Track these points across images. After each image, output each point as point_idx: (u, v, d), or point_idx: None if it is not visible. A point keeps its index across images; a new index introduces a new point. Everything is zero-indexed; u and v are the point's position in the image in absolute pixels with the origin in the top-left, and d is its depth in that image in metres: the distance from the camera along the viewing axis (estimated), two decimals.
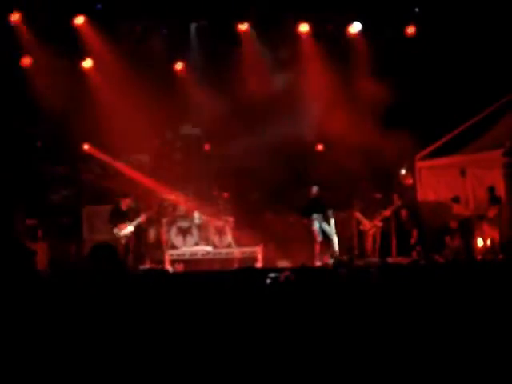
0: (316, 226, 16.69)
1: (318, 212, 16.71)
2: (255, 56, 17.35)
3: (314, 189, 16.90)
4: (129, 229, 15.95)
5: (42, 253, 15.65)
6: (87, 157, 18.15)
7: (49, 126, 17.34)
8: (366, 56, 17.23)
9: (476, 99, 16.78)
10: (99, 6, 16.09)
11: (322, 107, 17.27)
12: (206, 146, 18.95)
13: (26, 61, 16.41)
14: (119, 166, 17.98)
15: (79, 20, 16.13)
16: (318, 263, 16.10)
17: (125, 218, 16.00)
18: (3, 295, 5.94)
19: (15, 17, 15.61)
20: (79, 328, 5.07)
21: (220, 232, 17.27)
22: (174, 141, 18.83)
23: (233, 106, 17.34)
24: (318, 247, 16.65)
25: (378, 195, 17.04)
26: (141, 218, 16.16)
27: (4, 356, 4.92)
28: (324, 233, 16.66)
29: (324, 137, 18.31)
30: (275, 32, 16.78)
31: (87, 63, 17.12)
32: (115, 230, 15.84)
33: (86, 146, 17.96)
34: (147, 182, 17.78)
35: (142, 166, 18.47)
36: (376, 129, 17.16)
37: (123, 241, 15.85)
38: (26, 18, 15.75)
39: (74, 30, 16.21)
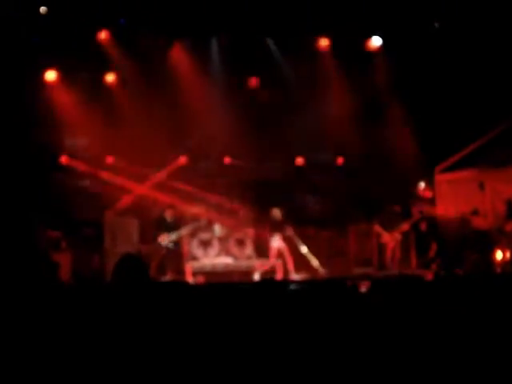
0: (274, 244, 16.80)
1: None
2: (275, 69, 17.45)
3: (276, 212, 16.94)
4: (171, 239, 16.17)
5: (65, 264, 15.79)
6: (110, 169, 18.32)
7: (73, 139, 17.52)
8: (385, 69, 17.26)
9: (496, 112, 16.72)
10: (123, 20, 16.23)
11: (341, 121, 17.27)
12: (227, 159, 19.04)
13: (50, 75, 16.58)
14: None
15: (103, 35, 16.29)
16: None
17: (169, 228, 16.22)
18: (27, 306, 5.99)
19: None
20: (101, 339, 5.09)
21: (240, 244, 17.34)
22: (195, 152, 18.86)
23: (254, 119, 17.43)
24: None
25: (398, 208, 17.06)
26: (182, 231, 16.40)
27: (24, 366, 4.97)
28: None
29: (344, 150, 18.36)
30: (295, 46, 16.83)
31: (110, 77, 17.30)
32: (158, 240, 16.07)
33: (109, 159, 18.17)
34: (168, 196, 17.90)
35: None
36: (395, 141, 17.19)
37: (163, 252, 16.06)
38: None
39: (97, 45, 16.36)
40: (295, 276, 16.30)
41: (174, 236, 16.26)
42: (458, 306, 6.32)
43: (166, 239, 16.12)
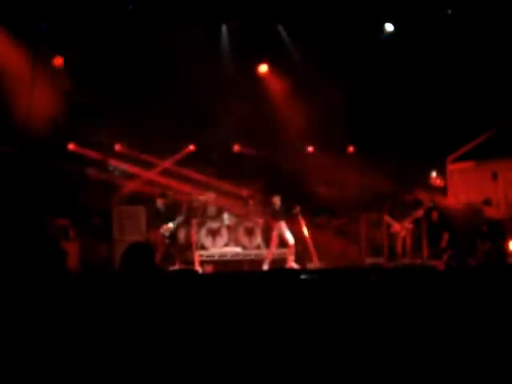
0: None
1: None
2: (285, 58, 17.32)
3: (277, 199, 16.74)
4: (171, 228, 16.01)
5: (73, 253, 15.77)
6: (118, 157, 18.25)
7: (80, 126, 17.41)
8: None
9: (510, 101, 16.60)
10: (131, 7, 16.09)
11: (353, 108, 17.17)
12: (236, 147, 18.95)
13: (58, 61, 16.46)
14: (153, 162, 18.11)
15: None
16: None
17: (165, 217, 16.08)
18: (35, 294, 5.95)
19: None
20: (108, 328, 5.05)
21: (250, 233, 17.27)
22: (205, 142, 18.77)
23: (264, 107, 17.33)
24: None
25: (409, 197, 16.95)
26: (181, 218, 16.21)
27: (31, 355, 4.91)
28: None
29: (355, 139, 18.28)
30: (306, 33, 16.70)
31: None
32: (161, 231, 15.91)
33: (117, 146, 18.10)
34: (177, 182, 17.81)
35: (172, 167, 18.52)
36: (407, 130, 17.10)
37: (167, 241, 15.89)
38: None
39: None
40: (314, 264, 16.18)
41: (173, 225, 16.06)
42: (470, 296, 6.28)
43: (167, 229, 15.92)
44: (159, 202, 16.09)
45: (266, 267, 16.08)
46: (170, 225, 15.88)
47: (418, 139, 17.05)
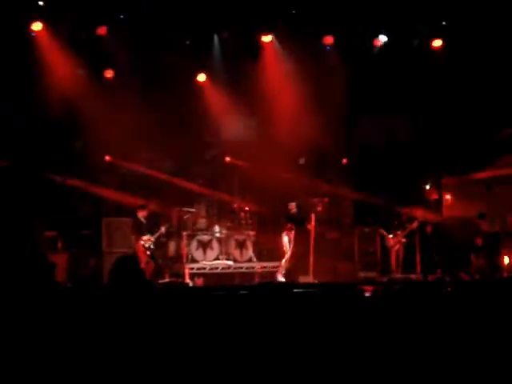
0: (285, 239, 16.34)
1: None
2: (278, 68, 17.19)
3: (293, 205, 16.56)
4: (151, 240, 15.78)
5: (61, 264, 15.58)
6: (108, 169, 18.10)
7: (68, 137, 17.27)
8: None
9: (503, 115, 16.57)
10: (122, 16, 15.98)
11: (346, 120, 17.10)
12: (227, 159, 18.83)
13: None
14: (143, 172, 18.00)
15: (101, 30, 16.01)
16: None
17: (146, 229, 15.86)
18: (23, 306, 5.86)
19: (37, 26, 15.49)
20: (97, 340, 5.01)
21: (241, 246, 17.12)
22: (195, 152, 18.65)
23: (254, 118, 17.25)
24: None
25: (403, 210, 16.85)
26: (161, 230, 15.98)
27: (20, 367, 4.88)
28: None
29: (349, 150, 18.22)
30: (299, 44, 16.59)
31: (109, 73, 17.05)
32: (141, 242, 15.69)
33: (107, 158, 17.94)
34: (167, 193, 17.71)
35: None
36: (402, 143, 17.06)
37: (148, 252, 15.66)
38: (48, 28, 15.63)
39: (96, 40, 16.10)
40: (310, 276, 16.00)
41: (154, 236, 15.85)
42: (464, 310, 6.20)
43: (148, 241, 15.72)
44: (140, 214, 15.90)
45: (281, 278, 15.82)
46: (150, 236, 15.70)
47: (413, 153, 17.00)
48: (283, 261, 15.99)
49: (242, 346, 5.21)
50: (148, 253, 15.54)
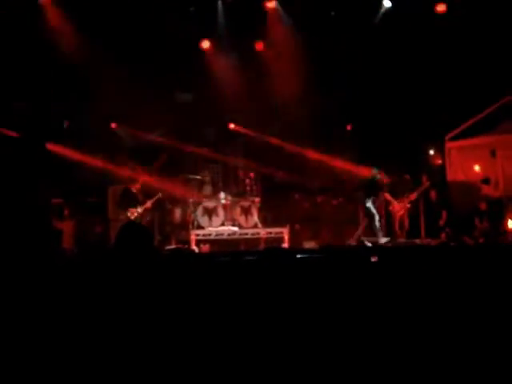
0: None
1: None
2: (282, 34, 17.13)
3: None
4: (138, 212, 15.91)
5: (67, 231, 15.70)
6: (116, 136, 18.13)
7: (76, 105, 17.24)
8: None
9: (507, 79, 16.47)
10: None
11: (352, 85, 17.04)
12: (231, 125, 18.80)
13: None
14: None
15: None
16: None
17: (135, 202, 15.97)
18: (30, 273, 5.92)
19: None
20: (103, 308, 4.99)
21: (246, 212, 17.15)
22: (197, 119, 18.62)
23: (258, 84, 17.17)
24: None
25: (407, 176, 16.85)
26: (147, 205, 16.08)
27: (27, 336, 4.91)
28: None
29: (353, 116, 18.17)
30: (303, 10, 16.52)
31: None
32: (128, 214, 15.80)
33: (113, 125, 17.96)
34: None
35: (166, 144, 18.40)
36: (405, 109, 16.99)
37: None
38: None
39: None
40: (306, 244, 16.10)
41: (139, 209, 15.96)
42: (468, 275, 6.20)
43: (133, 213, 15.83)
44: (134, 187, 16.04)
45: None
46: (138, 209, 15.83)
47: (416, 117, 16.93)
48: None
49: (248, 312, 5.23)
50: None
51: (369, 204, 16.14)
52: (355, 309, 5.40)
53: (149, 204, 16.07)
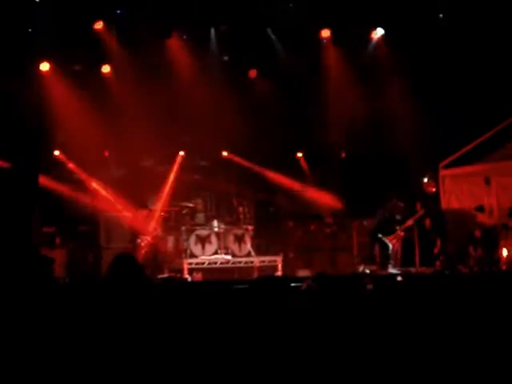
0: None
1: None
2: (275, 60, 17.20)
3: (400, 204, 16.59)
4: (146, 239, 15.91)
5: (59, 260, 15.58)
6: (106, 164, 18.07)
7: (68, 133, 17.21)
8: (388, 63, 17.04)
9: (501, 106, 16.53)
10: (119, 11, 15.96)
11: (345, 114, 17.06)
12: (224, 153, 18.80)
13: (45, 66, 16.24)
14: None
15: (98, 25, 15.98)
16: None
17: (143, 228, 15.97)
18: (20, 303, 5.87)
19: None
20: (95, 337, 4.96)
21: (239, 240, 17.12)
22: (192, 148, 18.64)
23: (253, 112, 17.22)
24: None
25: (401, 204, 16.81)
26: (157, 231, 16.11)
27: (16, 365, 4.83)
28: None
29: (348, 145, 18.20)
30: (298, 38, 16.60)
31: (106, 69, 17.01)
32: (138, 241, 15.80)
33: (106, 153, 17.92)
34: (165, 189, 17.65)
35: (159, 173, 18.35)
36: (399, 137, 17.01)
37: (143, 251, 15.78)
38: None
39: (93, 36, 16.06)
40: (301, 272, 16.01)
41: (149, 237, 16.03)
42: (462, 303, 6.18)
43: (144, 240, 15.89)
44: (141, 214, 16.10)
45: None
46: (147, 237, 16.01)
47: (410, 145, 16.94)
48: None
49: (241, 341, 5.16)
50: (143, 251, 15.68)
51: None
52: (349, 338, 5.35)
53: (159, 231, 16.15)
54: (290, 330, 5.33)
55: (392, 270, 15.70)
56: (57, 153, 17.59)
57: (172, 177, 18.08)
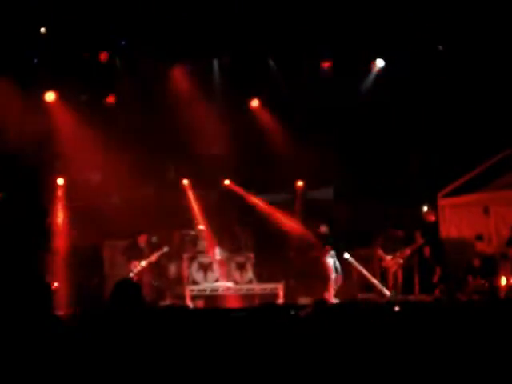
0: (330, 261, 16.52)
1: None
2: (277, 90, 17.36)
3: (323, 227, 16.76)
4: (140, 266, 15.99)
5: (63, 288, 15.63)
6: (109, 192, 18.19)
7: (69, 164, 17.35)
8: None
9: (499, 136, 16.62)
10: (123, 42, 16.15)
11: (342, 145, 17.24)
12: (226, 182, 18.91)
13: (50, 96, 16.37)
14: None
15: (103, 56, 16.16)
16: (334, 300, 15.86)
17: (140, 255, 16.06)
18: (20, 332, 5.90)
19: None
20: (97, 365, 4.99)
21: (241, 268, 17.19)
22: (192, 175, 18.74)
23: (255, 141, 17.36)
24: (331, 284, 16.42)
25: (400, 232, 16.91)
26: (151, 258, 16.15)
27: None
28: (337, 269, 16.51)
29: (347, 173, 18.30)
30: (298, 67, 16.76)
31: (110, 99, 17.16)
32: (131, 267, 15.88)
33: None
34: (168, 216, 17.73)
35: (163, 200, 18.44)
36: (398, 166, 17.13)
37: (136, 278, 15.76)
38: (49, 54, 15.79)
39: (97, 66, 16.23)
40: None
41: (143, 263, 16.05)
42: (461, 332, 6.19)
43: (137, 266, 15.93)
44: (140, 239, 16.13)
45: (334, 300, 15.91)
46: (142, 263, 15.94)
47: (409, 174, 17.07)
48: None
49: (243, 369, 5.21)
50: (135, 278, 15.66)
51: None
52: (349, 366, 5.40)
53: (153, 258, 16.17)
54: (292, 358, 5.41)
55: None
56: (60, 181, 17.64)
57: (192, 200, 18.26)
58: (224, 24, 15.51)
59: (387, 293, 16.19)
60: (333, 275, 16.39)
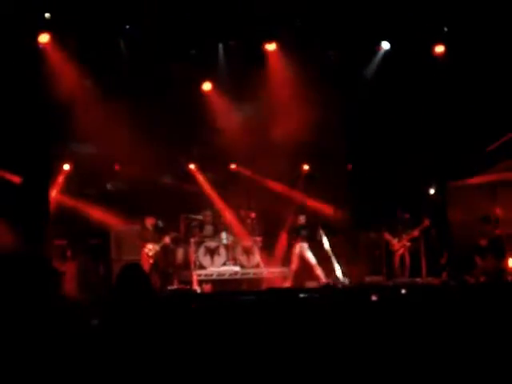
0: (297, 251, 16.68)
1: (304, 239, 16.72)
2: (282, 76, 17.27)
3: (301, 218, 16.84)
4: (154, 249, 16.01)
5: (70, 273, 15.66)
6: (116, 176, 18.20)
7: (80, 147, 17.34)
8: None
9: (507, 118, 16.57)
10: (128, 26, 16.11)
11: (351, 126, 17.21)
12: (233, 166, 18.91)
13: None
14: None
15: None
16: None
17: (152, 237, 16.08)
18: (29, 315, 5.93)
19: (44, 38, 15.56)
20: (106, 349, 5.03)
21: (248, 252, 17.20)
22: (199, 159, 18.76)
23: (257, 126, 17.33)
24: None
25: (407, 215, 16.89)
26: (165, 240, 16.20)
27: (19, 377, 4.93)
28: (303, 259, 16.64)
29: (354, 156, 18.27)
30: (303, 53, 16.71)
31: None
32: (145, 250, 15.91)
33: (116, 166, 18.03)
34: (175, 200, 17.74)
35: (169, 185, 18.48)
36: (405, 148, 17.08)
37: (151, 260, 15.90)
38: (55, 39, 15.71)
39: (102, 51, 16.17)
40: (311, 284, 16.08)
41: (158, 246, 16.13)
42: (469, 314, 6.21)
43: (153, 250, 15.97)
44: (148, 222, 16.18)
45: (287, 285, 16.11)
46: (155, 245, 16.02)
47: (417, 156, 17.02)
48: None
49: (250, 352, 5.26)
50: (151, 261, 15.78)
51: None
52: (356, 348, 5.42)
53: (167, 240, 16.26)
54: (299, 340, 5.41)
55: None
56: (67, 166, 17.68)
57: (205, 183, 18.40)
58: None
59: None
60: (293, 265, 16.60)
